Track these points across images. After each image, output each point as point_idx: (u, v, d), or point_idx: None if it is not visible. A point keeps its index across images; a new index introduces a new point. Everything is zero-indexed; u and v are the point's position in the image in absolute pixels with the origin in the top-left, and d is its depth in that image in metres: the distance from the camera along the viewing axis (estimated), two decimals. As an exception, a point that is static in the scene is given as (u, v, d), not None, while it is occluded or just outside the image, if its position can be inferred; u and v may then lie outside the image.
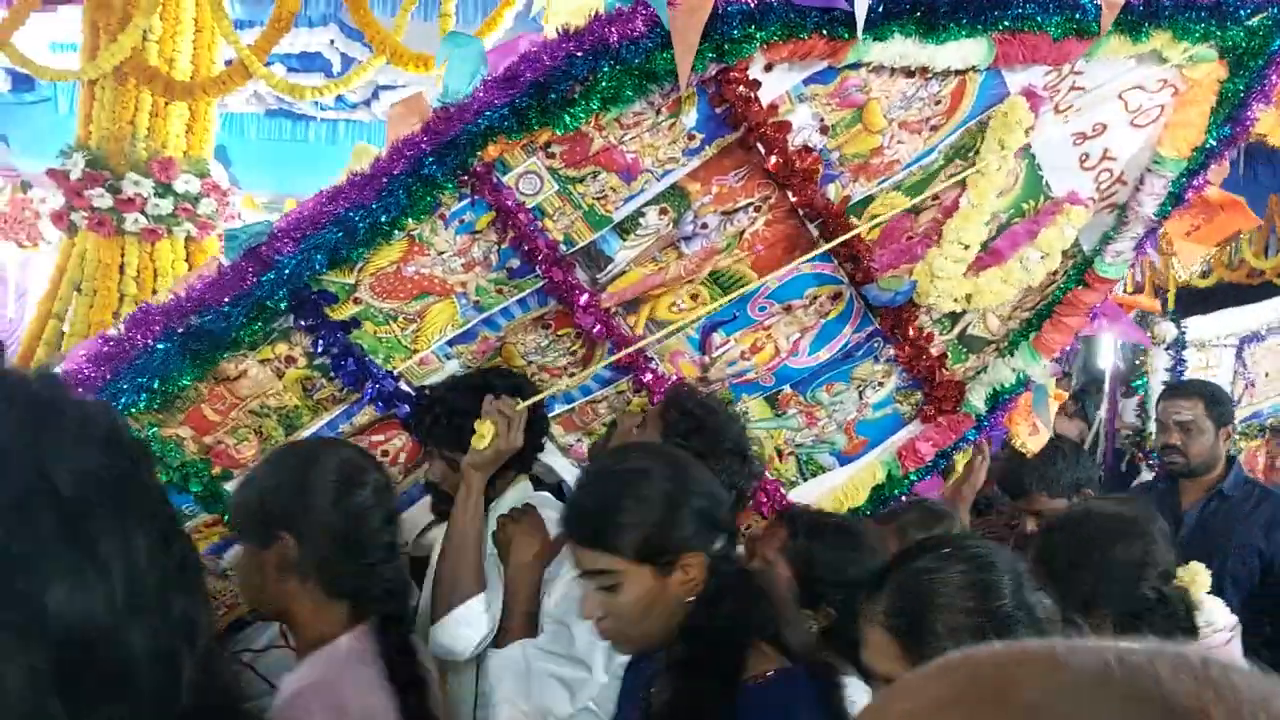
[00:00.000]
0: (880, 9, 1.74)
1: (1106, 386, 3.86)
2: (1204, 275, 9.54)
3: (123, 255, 4.25)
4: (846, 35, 1.77)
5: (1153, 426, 3.59)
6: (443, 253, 1.91)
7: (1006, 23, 1.80)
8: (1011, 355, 2.37)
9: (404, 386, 2.05)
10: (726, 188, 1.98)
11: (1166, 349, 3.67)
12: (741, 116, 1.86)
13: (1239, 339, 3.82)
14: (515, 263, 1.96)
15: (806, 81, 1.87)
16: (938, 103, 1.94)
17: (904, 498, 2.51)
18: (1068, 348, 2.38)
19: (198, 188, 4.28)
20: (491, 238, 1.93)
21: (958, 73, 1.89)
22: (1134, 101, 2.01)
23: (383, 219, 1.80)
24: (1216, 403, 3.09)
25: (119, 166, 4.19)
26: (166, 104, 4.26)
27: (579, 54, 1.70)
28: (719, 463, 1.79)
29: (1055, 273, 2.26)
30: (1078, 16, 1.81)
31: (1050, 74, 1.94)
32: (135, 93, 4.23)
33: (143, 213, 4.18)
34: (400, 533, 1.61)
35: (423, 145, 1.77)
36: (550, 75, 1.71)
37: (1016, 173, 2.08)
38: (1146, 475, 3.53)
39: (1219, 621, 1.63)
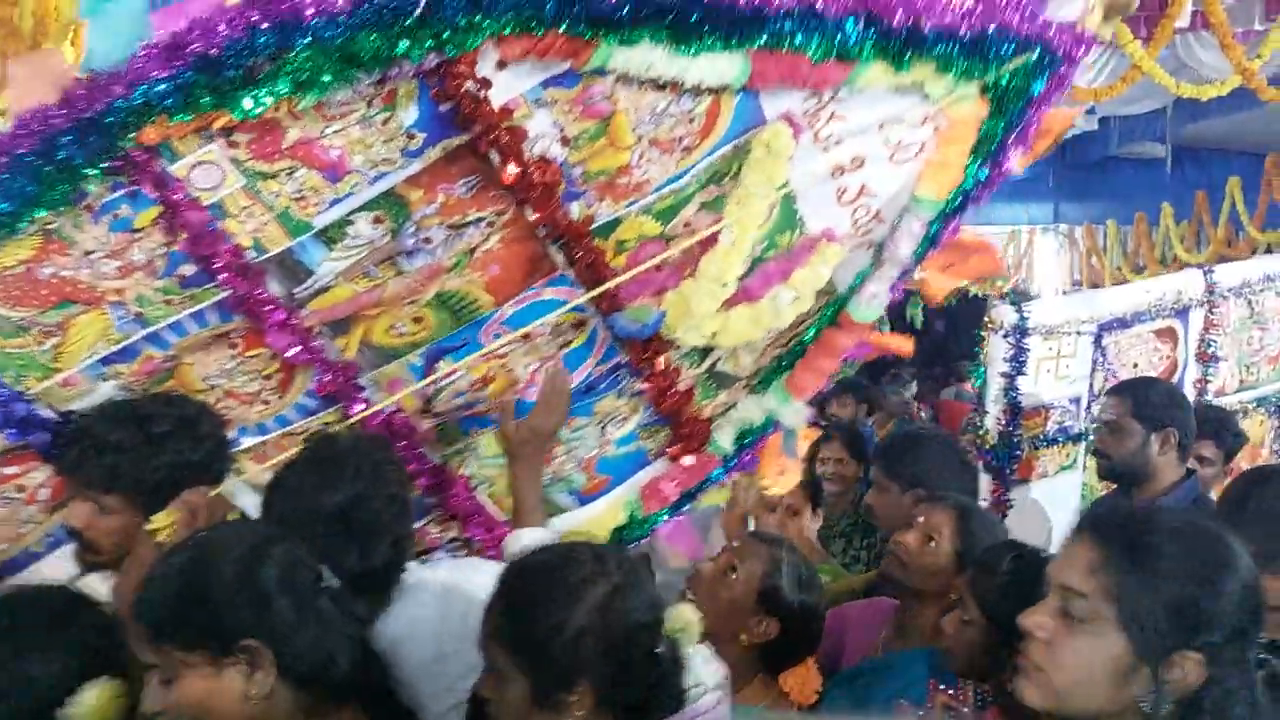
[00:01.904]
0: (627, 12, 1.53)
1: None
2: (1138, 271, 9.82)
3: None
4: (589, 35, 1.55)
5: (990, 422, 3.29)
6: (91, 253, 1.56)
7: (763, 39, 1.64)
8: (763, 393, 2.24)
9: (42, 411, 1.67)
10: (454, 198, 1.73)
11: (1005, 336, 3.23)
12: (470, 118, 1.61)
13: (1097, 326, 3.37)
14: (188, 269, 1.63)
15: (545, 84, 1.64)
16: (691, 121, 1.75)
17: (643, 541, 2.35)
18: (821, 390, 2.27)
19: None
20: (157, 238, 1.59)
21: (712, 90, 1.71)
22: (895, 136, 1.91)
23: (3, 208, 1.44)
24: (1150, 402, 2.79)
25: None
26: None
27: (264, 25, 1.40)
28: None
29: (808, 312, 2.14)
30: (839, 39, 1.67)
31: (810, 100, 1.81)
32: None
33: None
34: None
35: (58, 121, 1.41)
36: (226, 48, 1.40)
37: (773, 204, 1.93)
38: (985, 479, 3.24)
39: (708, 680, 1.44)
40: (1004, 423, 3.26)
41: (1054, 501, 3.36)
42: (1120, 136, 8.34)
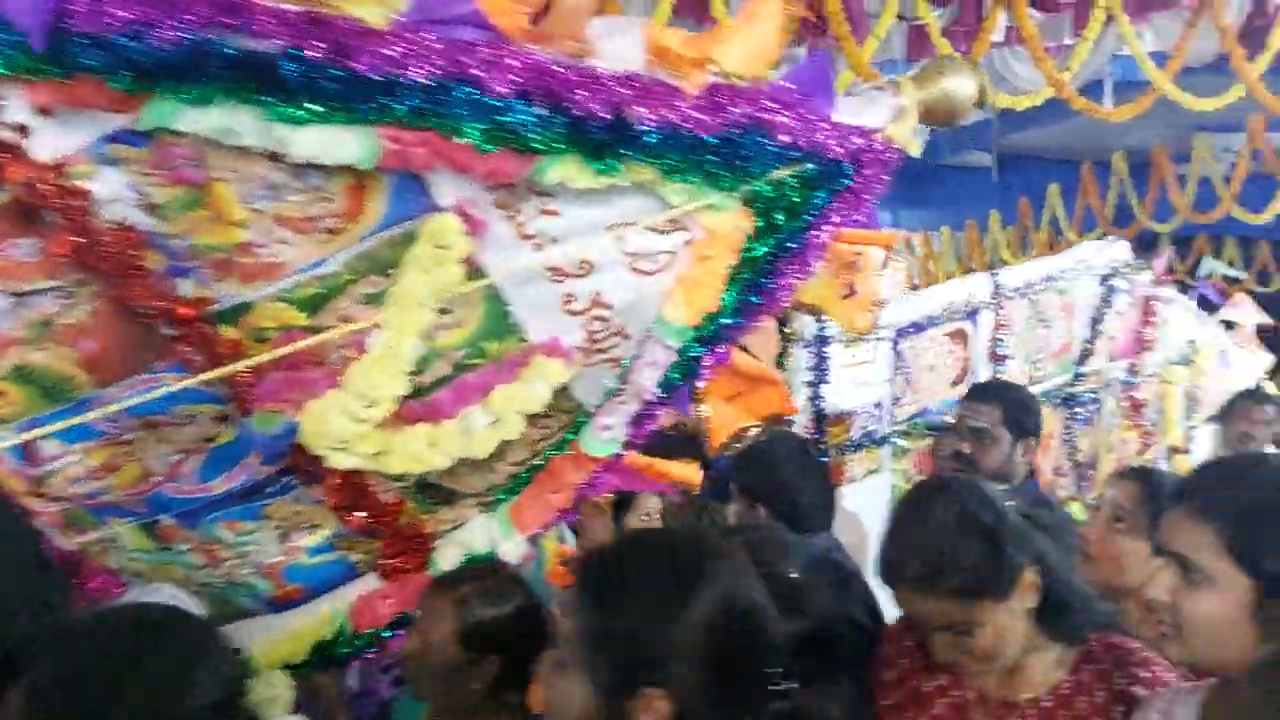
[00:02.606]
0: (182, 63, 1.12)
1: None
2: (969, 275, 10.22)
3: None
4: (131, 87, 1.15)
5: (796, 431, 3.20)
6: None
7: (400, 116, 1.22)
8: (493, 517, 1.84)
9: None
10: (11, 262, 1.34)
11: (806, 346, 3.21)
12: (4, 170, 1.23)
13: (895, 331, 3.40)
14: None
15: (110, 139, 1.24)
16: (327, 200, 1.35)
17: (357, 661, 1.99)
18: (549, 529, 1.86)
19: None
20: None
21: (348, 169, 1.30)
22: (633, 241, 1.48)
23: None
24: (1018, 410, 2.83)
25: None
26: None
27: None
28: None
29: (549, 427, 1.74)
30: (509, 125, 1.25)
31: (503, 191, 1.39)
32: None
33: None
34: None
35: None
36: None
37: (473, 301, 1.52)
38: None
39: None
40: (810, 431, 3.23)
41: (864, 505, 3.35)
42: (950, 147, 8.58)
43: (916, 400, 3.53)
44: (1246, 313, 5.06)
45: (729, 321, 1.56)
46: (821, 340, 3.21)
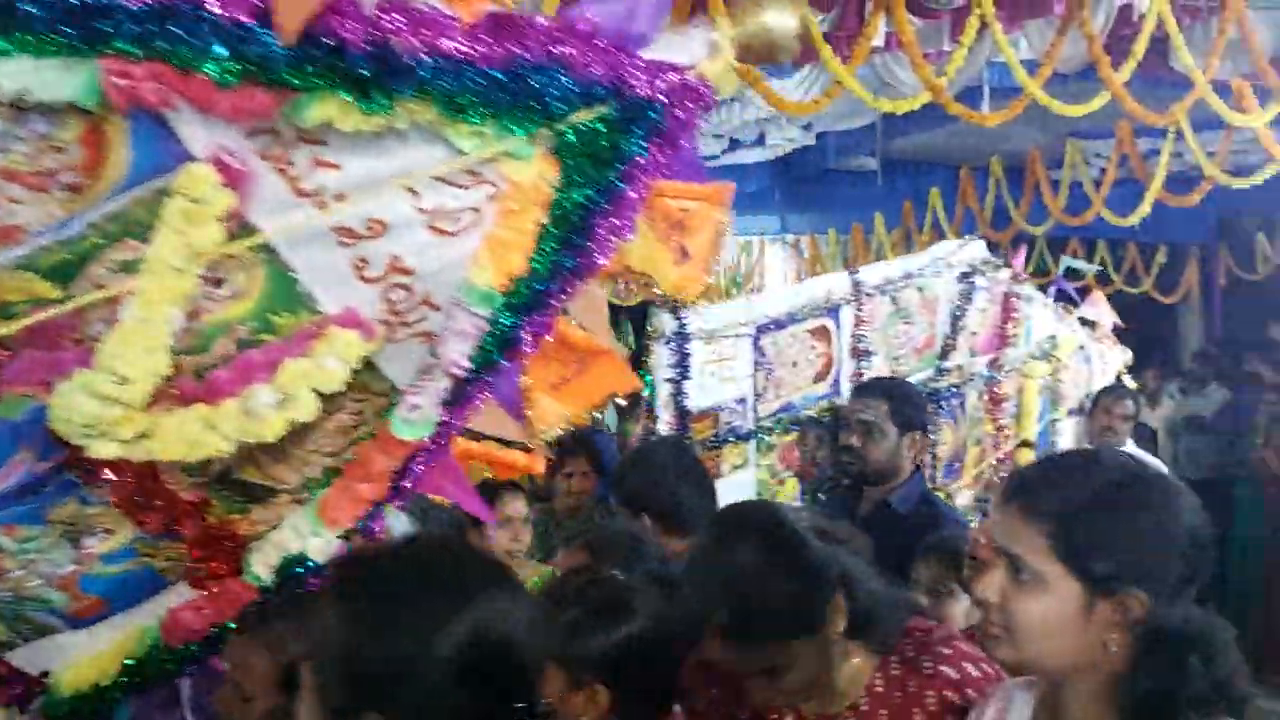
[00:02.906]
0: None
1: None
2: None
3: None
4: None
5: (661, 428, 3.26)
6: None
7: (123, 44, 1.07)
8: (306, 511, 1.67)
9: None
10: None
11: (667, 343, 3.21)
12: None
13: (755, 328, 3.43)
14: None
15: None
16: (61, 151, 1.18)
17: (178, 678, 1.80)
18: (365, 521, 1.70)
19: None
20: None
21: (81, 111, 1.14)
22: (429, 197, 1.35)
23: None
24: (905, 404, 2.90)
25: None
26: None
27: None
28: None
29: (362, 413, 1.58)
30: (253, 55, 1.10)
31: (265, 137, 1.24)
32: None
33: None
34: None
35: None
36: None
37: (251, 268, 1.37)
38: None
39: None
40: (674, 428, 3.24)
41: (732, 499, 3.32)
42: (836, 151, 8.91)
43: (780, 396, 3.54)
44: (1103, 311, 5.15)
45: (544, 286, 1.43)
46: (682, 337, 3.21)
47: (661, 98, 1.29)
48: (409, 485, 1.68)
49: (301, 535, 1.66)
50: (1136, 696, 1.17)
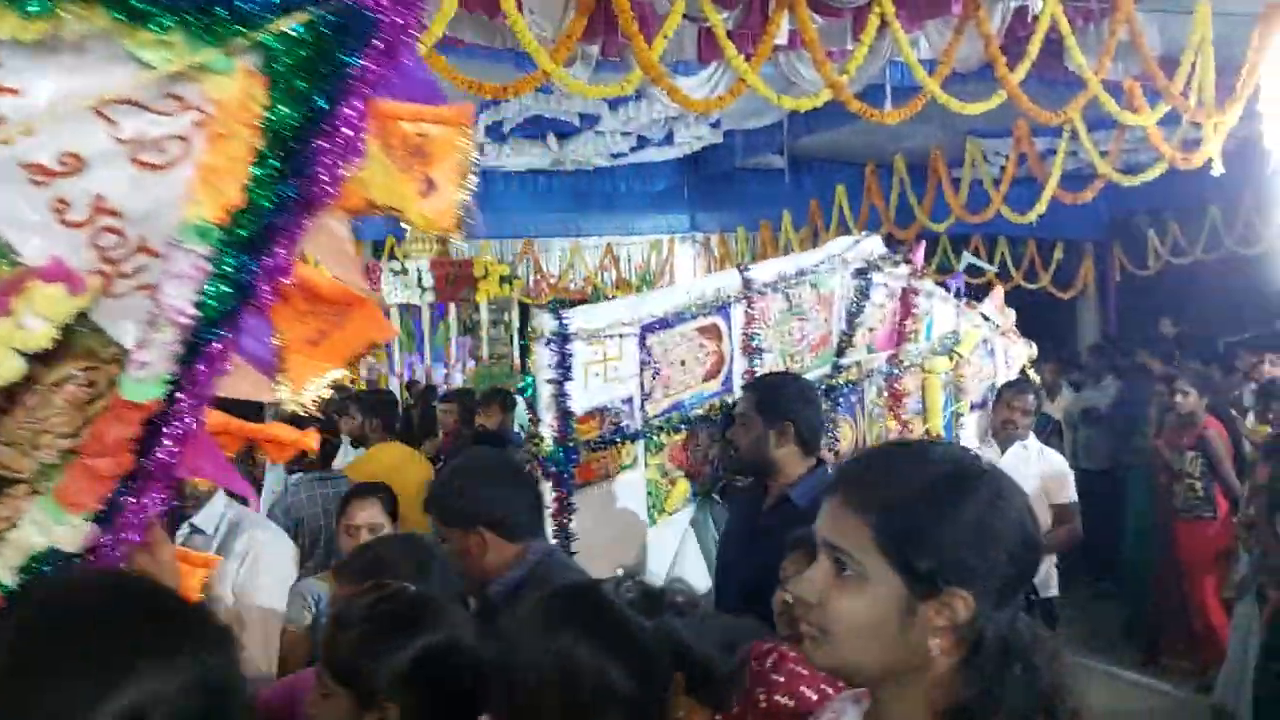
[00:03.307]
0: None
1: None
2: None
3: None
4: None
5: (544, 430, 3.19)
6: None
7: None
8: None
9: None
10: None
11: (548, 344, 3.15)
12: None
13: (640, 327, 3.36)
14: None
15: None
16: None
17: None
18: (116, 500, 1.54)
19: None
20: None
21: None
22: (129, 125, 1.21)
23: None
24: (771, 396, 2.92)
25: None
26: None
27: None
28: None
29: (95, 382, 1.43)
30: None
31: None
32: None
33: None
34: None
35: None
36: None
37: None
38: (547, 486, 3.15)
39: None
40: (558, 429, 3.18)
41: (621, 500, 3.41)
42: (744, 150, 9.13)
43: (670, 395, 3.48)
44: (1002, 306, 5.24)
45: (268, 220, 1.29)
46: (563, 338, 3.15)
47: (373, 5, 1.17)
48: (166, 463, 1.53)
49: (44, 528, 1.50)
50: (954, 706, 1.11)
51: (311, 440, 1.67)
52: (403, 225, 1.41)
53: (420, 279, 8.61)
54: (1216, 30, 6.01)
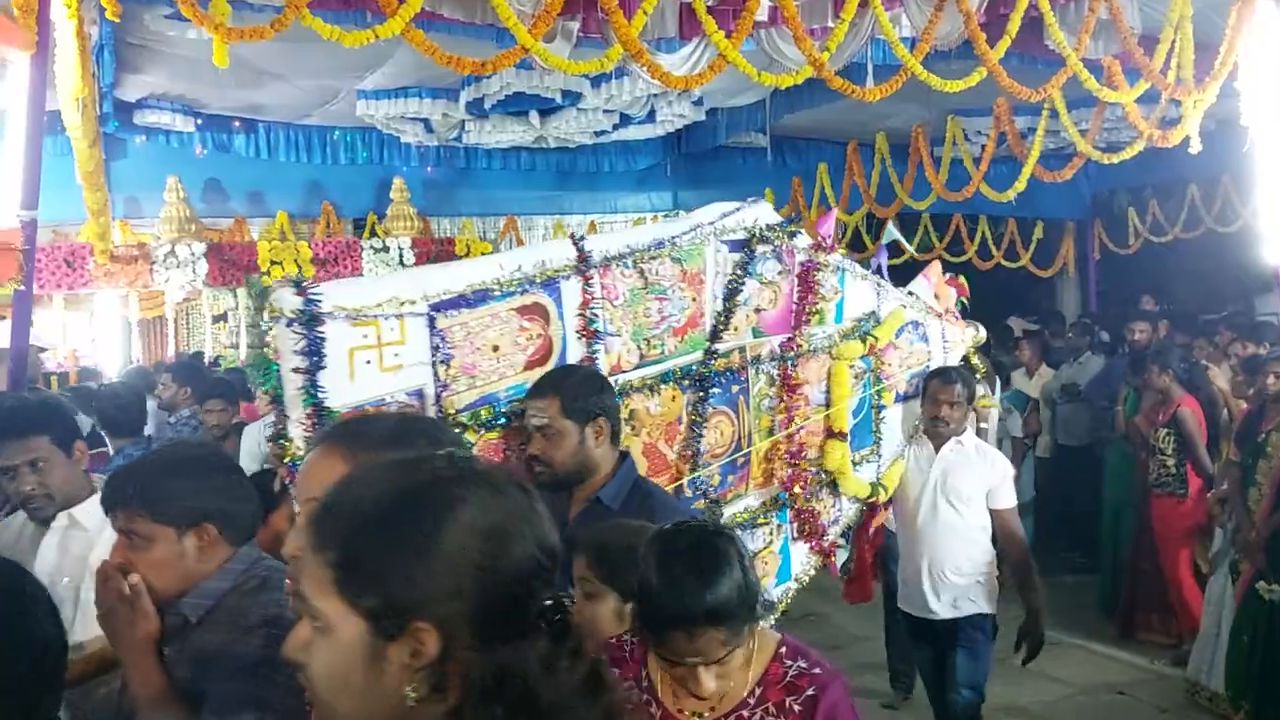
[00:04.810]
0: None
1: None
2: None
3: None
4: None
5: (294, 430, 2.51)
6: None
7: None
8: None
9: None
10: None
11: (289, 324, 2.48)
12: None
13: (429, 305, 2.70)
14: None
15: None
16: None
17: None
18: None
19: None
20: None
21: None
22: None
23: None
24: (576, 393, 2.64)
25: None
26: None
27: None
28: None
29: None
30: None
31: None
32: None
33: None
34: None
35: None
36: None
37: None
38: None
39: None
40: (310, 429, 2.46)
41: None
42: (727, 127, 9.15)
43: (476, 387, 2.82)
44: (941, 283, 4.63)
45: None
46: (312, 318, 2.48)
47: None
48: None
49: None
50: None
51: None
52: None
53: (401, 257, 8.57)
54: (1196, 8, 6.03)
